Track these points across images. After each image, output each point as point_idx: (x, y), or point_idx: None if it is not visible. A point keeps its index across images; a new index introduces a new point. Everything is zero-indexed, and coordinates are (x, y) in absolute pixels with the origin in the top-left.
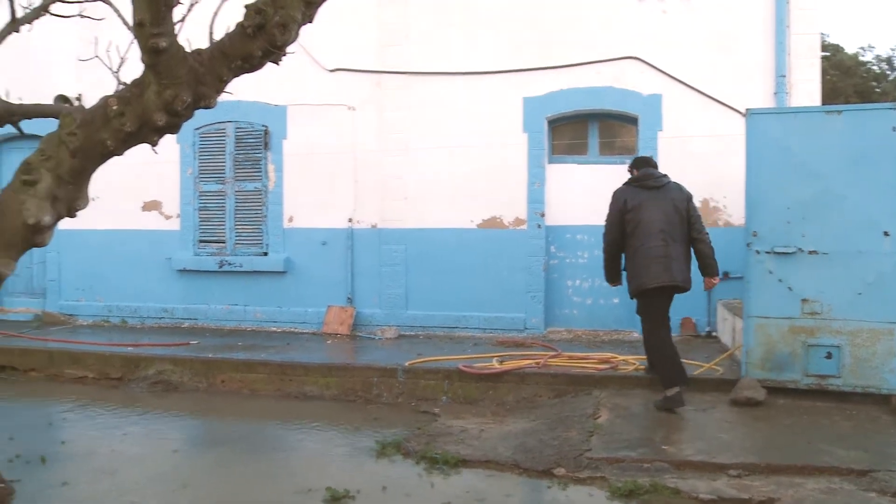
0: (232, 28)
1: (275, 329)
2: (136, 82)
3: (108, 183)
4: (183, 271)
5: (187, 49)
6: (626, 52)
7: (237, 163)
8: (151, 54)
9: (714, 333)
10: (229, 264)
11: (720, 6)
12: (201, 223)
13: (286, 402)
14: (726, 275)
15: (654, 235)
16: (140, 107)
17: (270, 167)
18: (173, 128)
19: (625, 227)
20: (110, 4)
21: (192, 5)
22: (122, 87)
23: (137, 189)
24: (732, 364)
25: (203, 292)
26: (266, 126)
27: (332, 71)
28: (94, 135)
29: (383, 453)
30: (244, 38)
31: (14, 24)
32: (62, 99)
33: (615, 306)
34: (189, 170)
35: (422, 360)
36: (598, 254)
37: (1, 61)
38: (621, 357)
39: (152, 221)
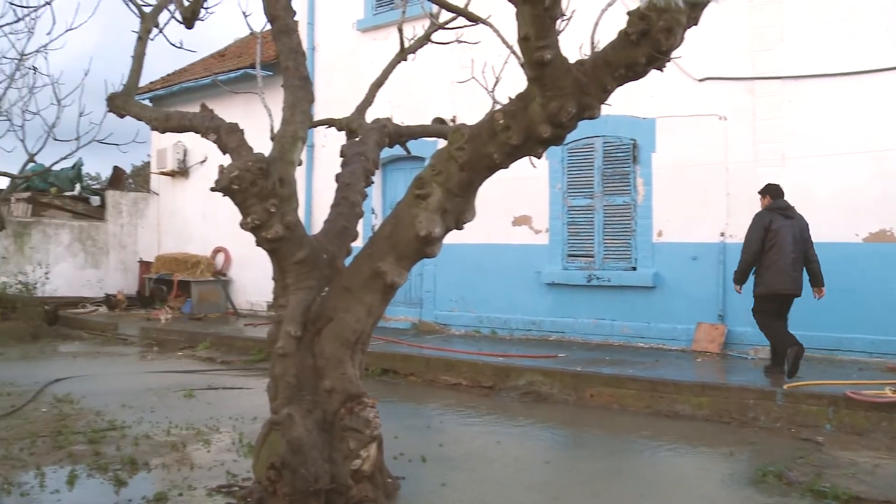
0: (592, 37)
1: (642, 345)
2: (520, 96)
3: (481, 198)
4: (551, 285)
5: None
6: None
7: (605, 177)
8: (536, 67)
9: None
10: (597, 278)
11: None
12: (570, 237)
13: (656, 420)
14: None
15: (787, 254)
16: (525, 120)
17: (639, 181)
18: (557, 139)
19: (763, 244)
20: (490, 25)
21: (569, 17)
22: (497, 104)
23: (508, 204)
24: None
25: (571, 306)
26: (634, 139)
27: (700, 80)
28: (481, 149)
29: (763, 481)
30: (627, 46)
31: (403, 54)
32: (439, 121)
33: None
34: (558, 185)
35: (802, 383)
36: None
37: (388, 90)
38: None
39: (522, 236)
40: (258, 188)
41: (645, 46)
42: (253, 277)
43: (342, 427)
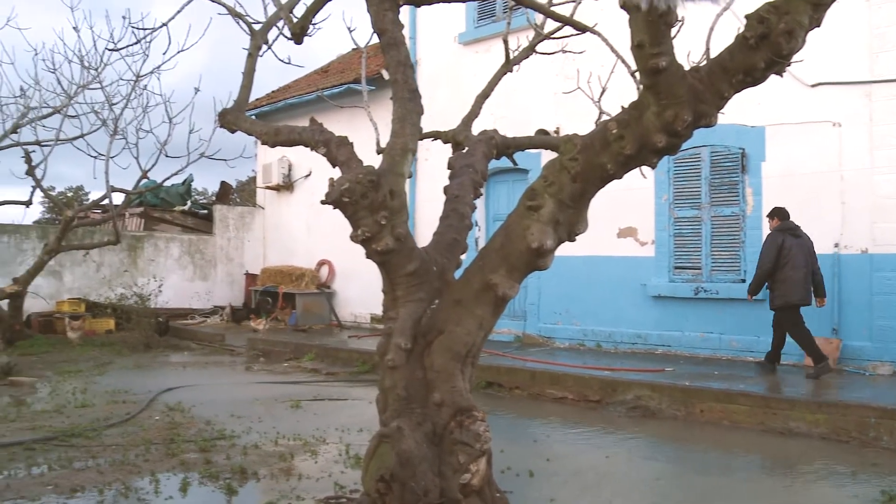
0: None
1: (751, 359)
2: (634, 105)
3: None
4: (657, 297)
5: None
6: None
7: (713, 187)
8: (651, 75)
9: None
10: (705, 291)
11: None
12: (676, 249)
13: (770, 438)
14: None
15: (799, 270)
16: (639, 129)
17: (748, 191)
18: (672, 149)
19: (778, 261)
20: (598, 34)
21: (681, 22)
22: (603, 115)
23: (613, 216)
24: None
25: (677, 319)
26: (743, 148)
27: (813, 86)
28: (593, 159)
29: None
30: (746, 50)
31: (508, 65)
32: (542, 132)
33: None
34: (664, 196)
35: None
36: None
37: (490, 102)
38: None
39: (627, 248)
40: (369, 201)
41: (764, 50)
42: (356, 290)
43: (452, 440)
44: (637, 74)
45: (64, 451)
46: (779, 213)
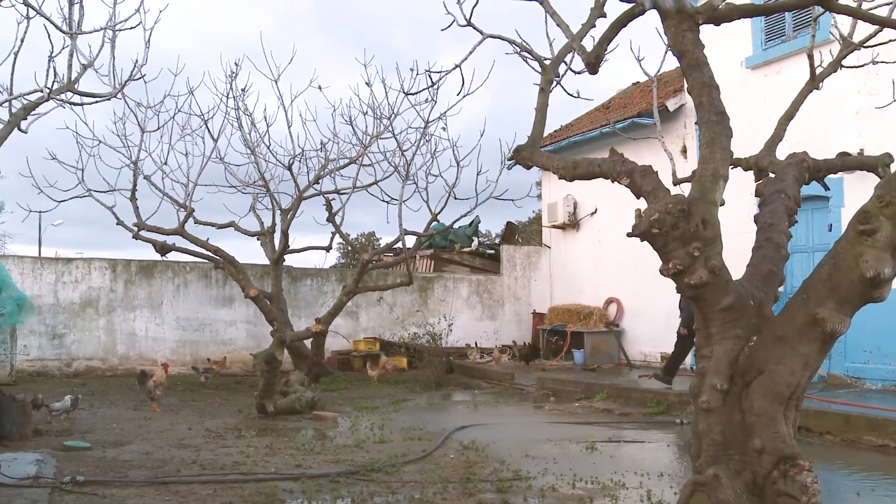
0: None
1: None
2: None
3: None
4: None
5: None
6: None
7: None
8: None
9: None
10: None
11: None
12: None
13: None
14: None
15: None
16: None
17: None
18: None
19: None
20: None
21: None
22: None
23: None
24: None
25: None
26: None
27: None
28: None
29: None
30: None
31: (814, 82)
32: (844, 155)
33: None
34: None
35: None
36: None
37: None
38: None
39: None
40: (680, 231)
41: None
42: (645, 328)
43: (775, 492)
44: None
45: (365, 486)
46: None
